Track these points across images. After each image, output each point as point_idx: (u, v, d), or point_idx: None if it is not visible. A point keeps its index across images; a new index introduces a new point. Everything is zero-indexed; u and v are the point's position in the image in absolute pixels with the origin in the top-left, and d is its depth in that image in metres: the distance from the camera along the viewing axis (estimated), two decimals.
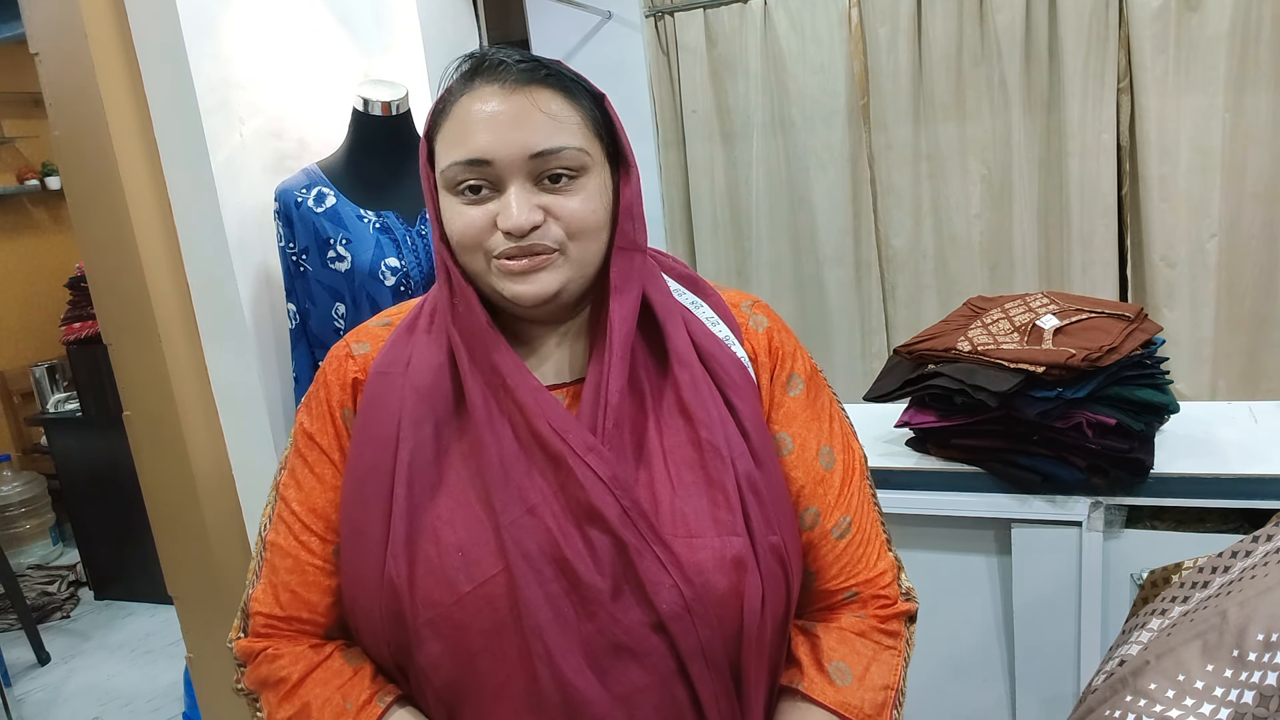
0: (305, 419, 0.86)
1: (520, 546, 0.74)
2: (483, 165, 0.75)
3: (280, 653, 0.81)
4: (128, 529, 3.44)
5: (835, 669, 0.82)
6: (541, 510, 0.75)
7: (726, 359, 0.84)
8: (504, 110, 0.75)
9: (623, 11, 2.82)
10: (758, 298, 0.93)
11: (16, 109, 4.41)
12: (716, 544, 0.76)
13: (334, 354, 0.88)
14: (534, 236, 0.75)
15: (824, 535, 0.85)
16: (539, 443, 0.77)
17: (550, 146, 0.75)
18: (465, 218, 0.77)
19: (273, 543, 0.84)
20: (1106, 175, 2.60)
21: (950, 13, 2.66)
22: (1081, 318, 1.54)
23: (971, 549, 1.58)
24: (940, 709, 1.66)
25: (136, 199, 1.68)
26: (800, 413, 0.87)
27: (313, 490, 0.84)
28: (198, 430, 1.77)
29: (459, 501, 0.77)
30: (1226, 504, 1.41)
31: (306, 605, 0.83)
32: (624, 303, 0.80)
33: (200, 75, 1.60)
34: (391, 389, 0.81)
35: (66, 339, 3.52)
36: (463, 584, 0.74)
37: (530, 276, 0.76)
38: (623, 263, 0.81)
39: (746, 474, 0.79)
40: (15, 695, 3.01)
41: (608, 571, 0.74)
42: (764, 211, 3.01)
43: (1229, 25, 2.40)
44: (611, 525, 0.74)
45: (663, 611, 0.74)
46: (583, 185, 0.77)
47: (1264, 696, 0.59)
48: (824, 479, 0.86)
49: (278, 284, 1.72)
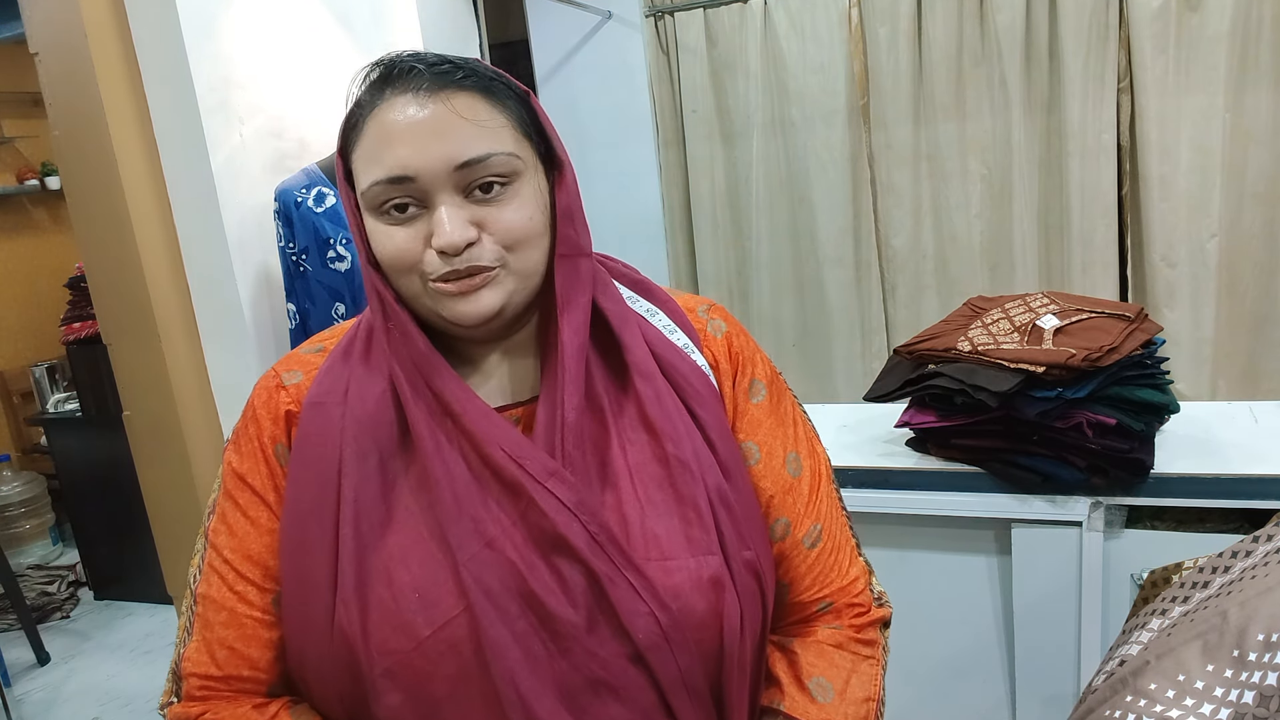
0: (234, 458, 0.79)
1: (481, 583, 0.68)
2: (406, 182, 0.69)
3: (219, 718, 0.75)
4: (128, 529, 3.44)
5: (816, 685, 0.79)
6: (501, 543, 0.70)
7: (687, 368, 0.79)
8: (422, 119, 0.69)
9: (623, 11, 2.82)
10: (713, 301, 0.89)
11: (16, 109, 4.41)
12: (692, 565, 0.72)
13: (263, 385, 0.81)
14: (470, 254, 0.70)
15: (795, 545, 0.82)
16: (493, 471, 0.71)
17: (476, 155, 0.69)
18: (395, 241, 0.71)
19: (204, 595, 0.76)
20: (1106, 175, 2.60)
21: (950, 13, 2.67)
22: (1082, 318, 1.54)
23: (971, 549, 1.58)
24: (940, 709, 1.66)
25: (136, 199, 1.68)
26: (765, 420, 0.84)
27: (246, 535, 0.76)
28: (198, 430, 1.77)
29: (411, 539, 0.71)
30: (1226, 504, 1.41)
31: (246, 662, 0.75)
32: (573, 313, 0.75)
33: (200, 75, 1.60)
34: (329, 421, 0.74)
35: (66, 339, 3.52)
36: (422, 628, 0.69)
37: (470, 296, 0.71)
38: (567, 270, 0.75)
39: (717, 488, 0.75)
40: (15, 695, 3.01)
41: (580, 603, 0.70)
42: (764, 211, 3.01)
43: (1229, 25, 2.40)
44: (580, 554, 0.69)
45: (640, 642, 0.70)
46: (516, 192, 0.71)
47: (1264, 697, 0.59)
48: (792, 487, 0.83)
49: (278, 284, 1.72)
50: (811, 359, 3.07)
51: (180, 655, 0.77)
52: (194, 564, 0.79)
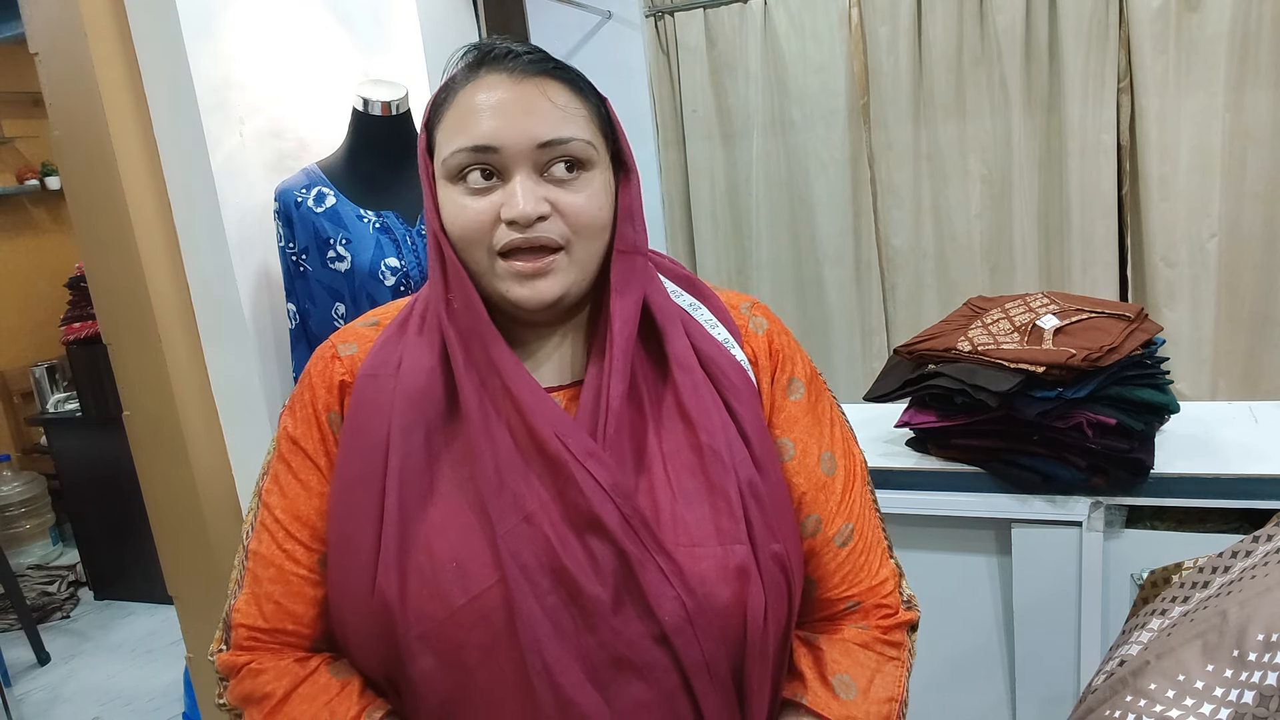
0: (289, 423, 0.83)
1: (517, 557, 0.71)
2: (488, 152, 0.73)
3: (264, 667, 0.78)
4: (128, 529, 3.44)
5: (839, 682, 0.80)
6: (539, 518, 0.72)
7: (726, 363, 0.82)
8: (512, 98, 0.73)
9: (623, 11, 2.82)
10: (756, 299, 0.91)
11: (16, 109, 4.41)
12: (719, 553, 0.74)
13: (319, 355, 0.84)
14: (539, 228, 0.73)
15: (826, 543, 0.83)
16: (537, 446, 0.74)
17: (559, 136, 0.73)
18: (468, 211, 0.74)
19: (255, 551, 0.81)
20: (1106, 175, 2.60)
21: (950, 13, 2.67)
22: (1082, 318, 1.54)
23: (971, 549, 1.58)
24: (940, 709, 1.66)
25: (136, 199, 1.68)
26: (801, 418, 0.85)
27: (297, 497, 0.80)
28: (198, 430, 1.77)
29: (451, 511, 0.74)
30: (1226, 504, 1.41)
31: (291, 617, 0.79)
32: (625, 306, 0.78)
33: (200, 75, 1.60)
34: (381, 392, 0.78)
35: (66, 339, 3.52)
36: (457, 597, 0.72)
37: (534, 281, 0.74)
38: (623, 265, 0.79)
39: (748, 480, 0.77)
40: (15, 695, 3.01)
41: (609, 582, 0.72)
42: (764, 211, 3.01)
43: (1229, 25, 2.40)
44: (613, 534, 0.72)
45: (665, 624, 0.72)
46: (589, 181, 0.76)
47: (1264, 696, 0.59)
48: (825, 485, 0.84)
49: (278, 284, 1.72)
50: (812, 359, 3.07)
51: (231, 606, 0.81)
52: (247, 521, 0.83)
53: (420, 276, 1.70)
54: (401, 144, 1.75)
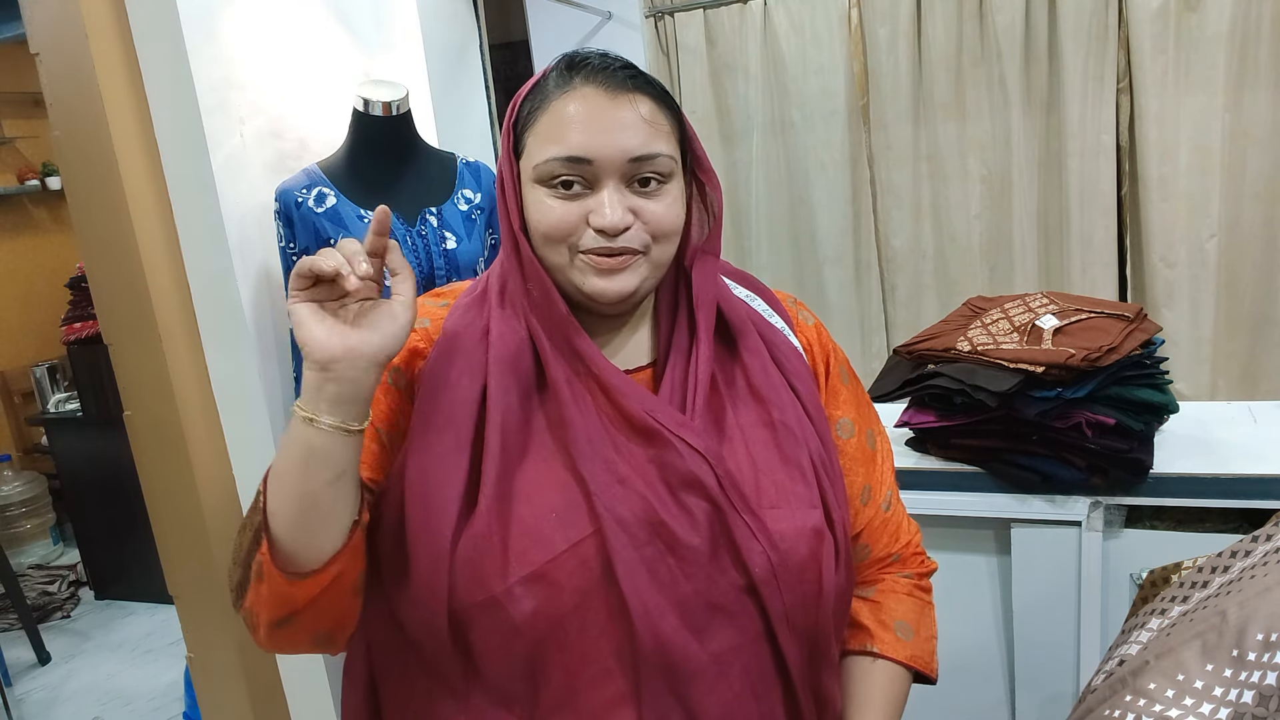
0: None
1: (613, 511, 0.76)
2: (582, 163, 0.77)
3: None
4: (128, 529, 3.44)
5: (900, 628, 0.93)
6: (633, 480, 0.77)
7: (786, 348, 0.90)
8: (605, 111, 0.78)
9: (623, 11, 2.82)
10: (795, 296, 1.00)
11: (16, 109, 4.41)
12: (798, 515, 0.81)
13: None
14: (623, 237, 0.78)
15: (876, 509, 0.95)
16: (628, 421, 0.79)
17: (649, 152, 0.78)
18: (556, 213, 0.78)
19: None
20: (1106, 175, 2.60)
21: (950, 13, 2.67)
22: (1081, 318, 1.54)
23: (971, 549, 1.59)
24: (940, 709, 1.66)
25: (136, 199, 1.68)
26: (852, 399, 0.96)
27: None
28: (198, 430, 1.77)
29: (547, 469, 0.79)
30: (1226, 504, 1.41)
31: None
32: (707, 302, 0.86)
33: (200, 75, 1.60)
34: (472, 349, 0.81)
35: (67, 339, 3.52)
36: (559, 542, 0.75)
37: (613, 275, 0.79)
38: (705, 266, 0.87)
39: (818, 452, 0.85)
40: (15, 695, 3.01)
41: (705, 534, 0.77)
42: (764, 211, 3.01)
43: (1229, 25, 2.40)
44: (710, 493, 0.78)
45: (755, 575, 0.78)
46: (669, 191, 0.81)
47: (1263, 696, 0.59)
48: (872, 458, 0.96)
49: (278, 284, 1.72)
50: None
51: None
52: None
53: (420, 276, 1.70)
54: (402, 144, 1.75)
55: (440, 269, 1.73)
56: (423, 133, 1.83)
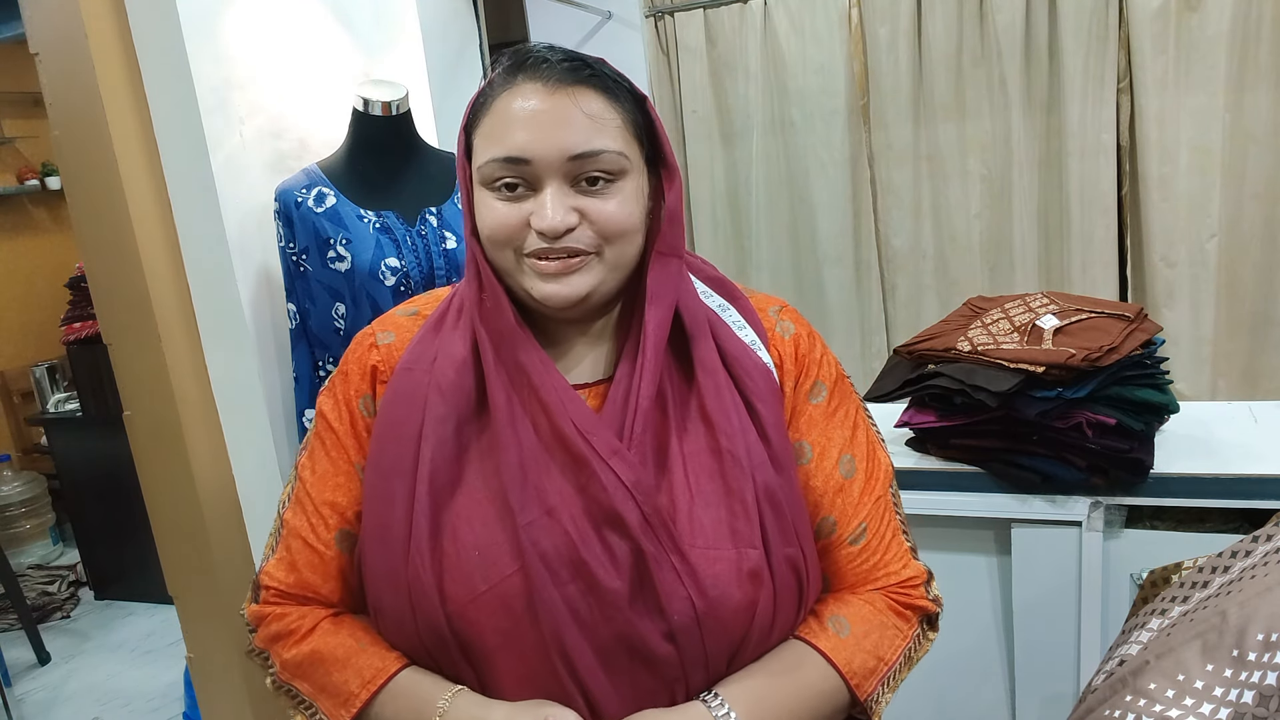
0: (326, 403, 0.87)
1: (537, 547, 0.74)
2: (520, 164, 0.74)
3: (289, 611, 0.83)
4: (128, 529, 3.44)
5: (833, 621, 0.82)
6: (560, 512, 0.75)
7: (751, 364, 0.83)
8: (545, 109, 0.74)
9: (623, 11, 2.82)
10: (786, 303, 0.93)
11: (16, 109, 4.41)
12: (733, 556, 0.76)
13: (359, 341, 0.88)
14: (568, 238, 0.75)
15: (839, 542, 0.85)
16: (561, 443, 0.76)
17: (589, 149, 0.74)
18: (498, 214, 0.76)
19: (289, 521, 0.86)
20: (1106, 175, 2.60)
21: (950, 13, 2.67)
22: (1081, 318, 1.54)
23: (971, 549, 1.58)
24: (940, 709, 1.66)
25: (136, 199, 1.68)
26: (821, 421, 0.86)
27: (325, 473, 0.85)
28: (198, 430, 1.77)
29: (476, 501, 0.77)
30: (1226, 504, 1.41)
31: (310, 586, 0.84)
32: (659, 309, 0.80)
33: (200, 75, 1.60)
34: (417, 386, 0.81)
35: (66, 339, 3.52)
36: (479, 583, 0.74)
37: (562, 278, 0.76)
38: (660, 268, 0.81)
39: (765, 484, 0.79)
40: (15, 695, 3.01)
41: (626, 577, 0.74)
42: (764, 211, 3.01)
43: (1229, 25, 2.40)
44: (631, 531, 0.74)
45: (673, 622, 0.74)
46: (619, 189, 0.76)
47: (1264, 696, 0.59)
48: (843, 488, 0.85)
49: (278, 284, 1.72)
50: None
51: (262, 568, 0.86)
52: (285, 491, 0.88)
53: (420, 276, 1.70)
54: (402, 144, 1.75)
55: (440, 269, 1.73)
56: (423, 133, 1.83)
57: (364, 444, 0.84)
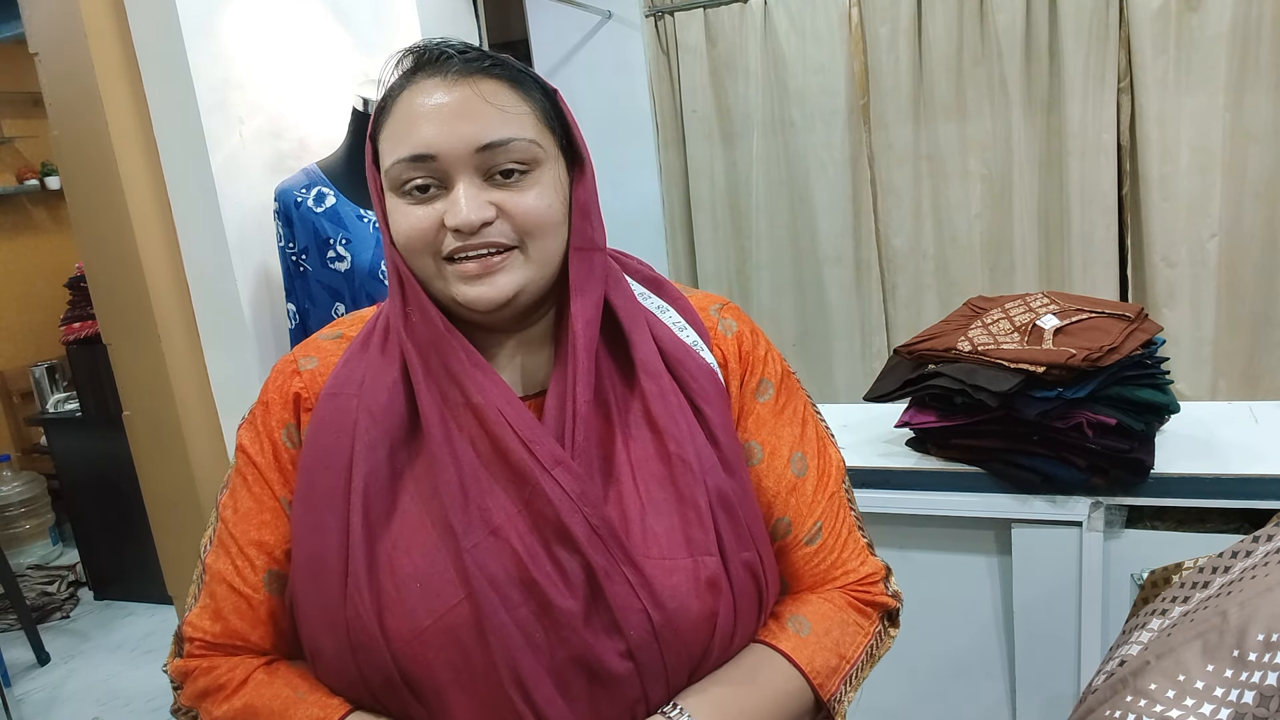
0: (246, 438, 0.82)
1: (485, 571, 0.70)
2: (428, 161, 0.71)
3: (217, 664, 0.78)
4: (128, 529, 3.43)
5: (793, 621, 0.80)
6: (506, 530, 0.71)
7: (695, 366, 0.80)
8: (448, 102, 0.71)
9: (623, 11, 2.82)
10: (726, 300, 0.89)
11: (16, 109, 4.41)
12: (689, 565, 0.73)
13: (279, 369, 0.83)
14: (485, 234, 0.71)
15: (795, 543, 0.83)
16: (502, 456, 0.72)
17: (499, 138, 0.70)
18: (412, 219, 0.72)
19: (210, 565, 0.80)
20: (1106, 175, 2.60)
21: (950, 13, 2.67)
22: (1082, 318, 1.54)
23: (971, 549, 1.58)
24: (940, 709, 1.66)
25: (136, 199, 1.68)
26: (769, 419, 0.84)
27: (249, 511, 0.79)
28: (197, 430, 1.77)
29: (414, 528, 0.73)
30: (1227, 504, 1.41)
31: (239, 633, 0.78)
32: (585, 305, 0.76)
33: (200, 75, 1.60)
34: (344, 412, 0.76)
35: (66, 339, 3.52)
36: (423, 617, 0.70)
37: (485, 279, 0.72)
38: (581, 263, 0.76)
39: (717, 489, 0.76)
40: (15, 695, 3.01)
41: (579, 594, 0.71)
42: (764, 211, 3.01)
43: (1229, 25, 2.40)
44: (580, 545, 0.70)
45: (631, 639, 0.71)
46: (536, 180, 0.73)
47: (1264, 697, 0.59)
48: (796, 487, 0.83)
49: (278, 284, 1.72)
50: (811, 359, 3.08)
51: (184, 620, 0.80)
52: (206, 534, 0.82)
53: None
54: None
55: None
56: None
57: (289, 478, 0.79)
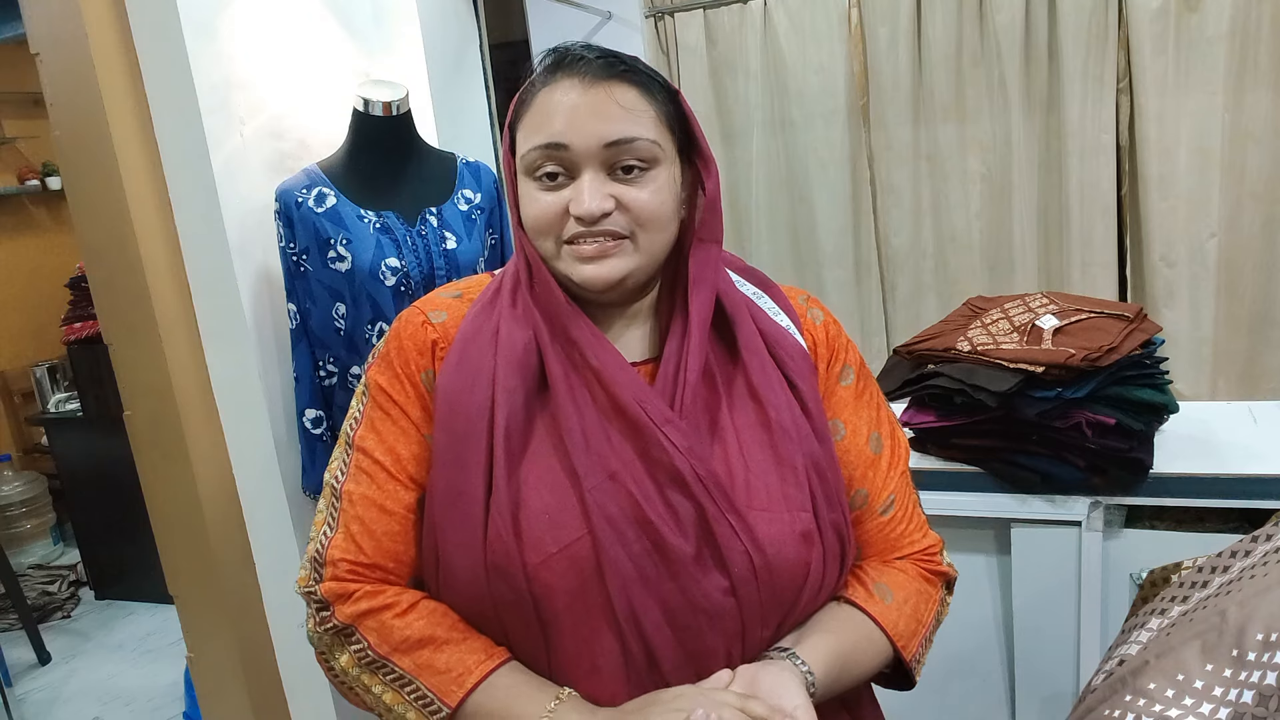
0: (381, 378, 0.87)
1: (604, 510, 0.77)
2: (560, 150, 0.79)
3: (381, 589, 0.82)
4: (128, 529, 3.44)
5: (878, 588, 0.88)
6: (623, 476, 0.78)
7: (790, 345, 0.89)
8: (583, 101, 0.79)
9: (623, 11, 2.82)
10: (810, 294, 0.99)
11: (16, 109, 4.41)
12: (787, 518, 0.81)
13: (408, 319, 0.89)
14: (604, 223, 0.79)
15: (871, 513, 0.91)
16: (619, 411, 0.80)
17: (624, 136, 0.79)
18: (540, 203, 0.81)
19: (351, 492, 0.85)
20: (1106, 175, 2.60)
21: (950, 13, 2.67)
22: (1081, 318, 1.54)
23: (971, 549, 1.59)
24: (940, 709, 1.66)
25: (136, 199, 1.68)
26: (851, 401, 0.93)
27: (396, 442, 0.85)
28: (198, 430, 1.77)
29: (545, 468, 0.80)
30: (1226, 504, 1.41)
31: (392, 554, 0.84)
32: (702, 290, 0.84)
33: (200, 75, 1.60)
34: (482, 355, 0.83)
35: (67, 339, 3.52)
36: (550, 545, 0.77)
37: (599, 261, 0.80)
38: (701, 254, 0.86)
39: (811, 455, 0.84)
40: (15, 695, 3.01)
41: (690, 534, 0.78)
42: (764, 211, 3.01)
43: (1229, 25, 2.40)
44: (692, 491, 0.78)
45: (734, 575, 0.78)
46: (653, 177, 0.81)
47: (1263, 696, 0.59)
48: (874, 463, 0.92)
49: (278, 284, 1.72)
50: None
51: (325, 545, 0.84)
52: (333, 469, 0.88)
53: (420, 276, 1.70)
54: (402, 144, 1.75)
55: (440, 269, 1.73)
56: (423, 133, 1.83)
57: (430, 416, 0.86)
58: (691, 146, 0.86)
